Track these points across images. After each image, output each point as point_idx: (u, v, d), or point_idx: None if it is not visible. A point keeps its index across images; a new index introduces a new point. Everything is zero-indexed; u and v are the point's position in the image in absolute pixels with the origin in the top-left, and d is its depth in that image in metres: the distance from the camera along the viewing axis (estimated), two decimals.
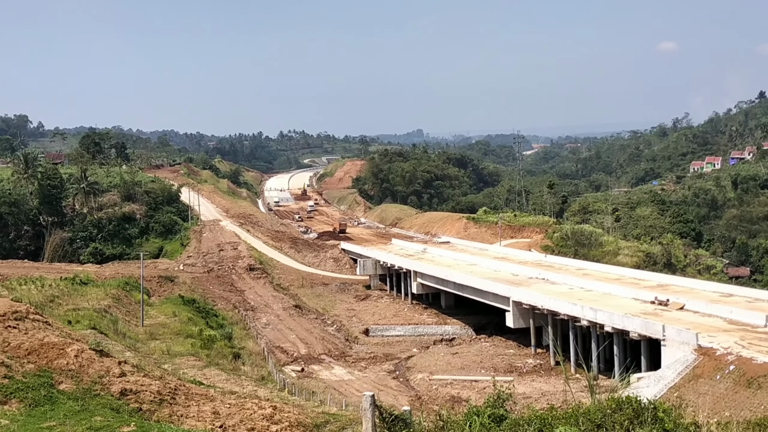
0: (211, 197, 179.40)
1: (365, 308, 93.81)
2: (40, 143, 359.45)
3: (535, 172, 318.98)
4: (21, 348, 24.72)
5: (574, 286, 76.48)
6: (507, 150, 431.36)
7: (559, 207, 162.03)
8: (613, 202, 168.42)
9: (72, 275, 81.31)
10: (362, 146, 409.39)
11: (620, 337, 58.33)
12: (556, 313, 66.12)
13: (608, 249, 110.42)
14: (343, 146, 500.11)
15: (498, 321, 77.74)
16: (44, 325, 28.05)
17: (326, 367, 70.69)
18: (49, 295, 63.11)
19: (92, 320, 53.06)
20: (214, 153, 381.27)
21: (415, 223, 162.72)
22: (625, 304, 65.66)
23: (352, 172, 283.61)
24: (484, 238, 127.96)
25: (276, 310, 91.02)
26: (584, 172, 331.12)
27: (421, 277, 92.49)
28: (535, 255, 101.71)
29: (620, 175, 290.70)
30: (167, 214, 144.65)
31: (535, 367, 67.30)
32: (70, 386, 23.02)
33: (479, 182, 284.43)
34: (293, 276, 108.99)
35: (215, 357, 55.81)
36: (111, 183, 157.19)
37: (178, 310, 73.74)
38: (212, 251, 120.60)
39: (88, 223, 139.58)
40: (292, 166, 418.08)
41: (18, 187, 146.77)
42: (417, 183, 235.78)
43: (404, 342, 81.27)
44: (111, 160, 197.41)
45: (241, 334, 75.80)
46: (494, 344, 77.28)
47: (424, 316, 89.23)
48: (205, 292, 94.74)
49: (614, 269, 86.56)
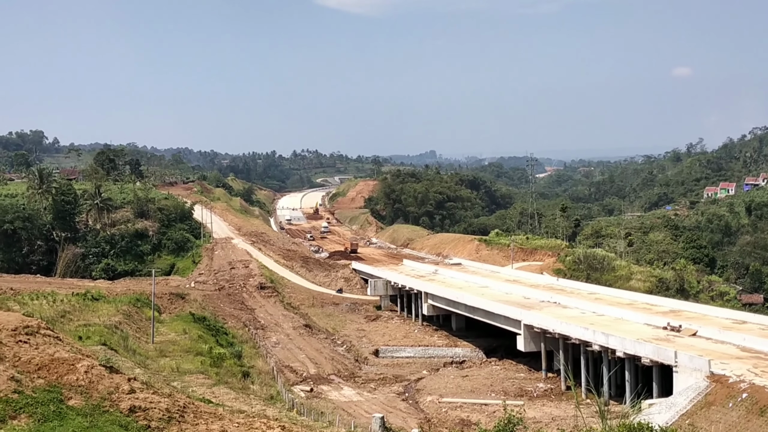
0: (224, 215, 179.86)
1: (375, 329, 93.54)
2: (55, 159, 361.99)
3: (548, 195, 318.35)
4: (31, 363, 24.76)
5: (586, 310, 76.05)
6: (520, 172, 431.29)
7: (572, 230, 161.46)
8: (626, 226, 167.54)
9: (84, 291, 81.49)
10: (375, 166, 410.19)
11: (632, 363, 57.91)
12: (568, 337, 65.75)
13: (621, 273, 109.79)
14: (356, 166, 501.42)
15: (509, 344, 77.31)
16: (55, 341, 28.10)
17: (335, 388, 70.40)
18: (61, 311, 63.26)
19: (103, 336, 53.13)
20: (227, 171, 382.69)
21: (427, 244, 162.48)
22: (637, 329, 65.23)
23: (365, 192, 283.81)
24: (495, 260, 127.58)
25: (286, 329, 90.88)
26: (597, 195, 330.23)
27: (432, 299, 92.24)
28: (547, 278, 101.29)
29: (633, 200, 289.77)
30: (180, 232, 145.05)
31: (546, 392, 66.82)
32: (79, 402, 23.01)
33: (492, 204, 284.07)
34: (304, 295, 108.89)
35: (224, 375, 55.73)
36: (124, 199, 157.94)
37: (188, 328, 73.74)
38: (224, 269, 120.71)
39: (101, 239, 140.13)
40: (304, 185, 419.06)
41: (32, 203, 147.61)
42: (429, 204, 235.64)
43: (414, 364, 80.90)
44: (125, 177, 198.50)
45: (251, 352, 75.68)
46: (505, 368, 76.82)
47: (435, 337, 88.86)
48: (215, 310, 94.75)
49: (627, 294, 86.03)
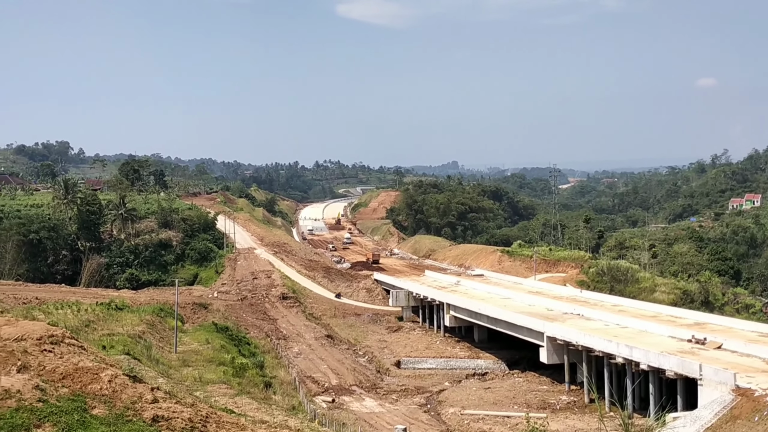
0: (247, 225, 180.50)
1: (397, 340, 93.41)
2: (81, 169, 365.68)
3: (571, 207, 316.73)
4: (56, 372, 24.97)
5: (610, 322, 75.50)
6: (543, 183, 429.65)
7: (595, 242, 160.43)
8: (650, 238, 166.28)
9: (108, 300, 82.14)
10: (397, 177, 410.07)
11: (656, 376, 57.39)
12: (591, 349, 65.31)
13: (644, 285, 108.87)
14: (378, 177, 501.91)
15: (532, 356, 76.91)
16: (79, 350, 28.33)
17: (357, 399, 70.35)
18: (85, 320, 63.78)
19: (126, 346, 53.49)
20: (250, 182, 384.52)
21: (449, 255, 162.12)
22: (661, 342, 64.66)
23: (387, 202, 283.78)
24: (518, 271, 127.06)
25: (308, 340, 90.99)
26: (621, 207, 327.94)
27: (454, 310, 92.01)
28: (570, 290, 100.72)
29: (657, 211, 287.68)
30: (203, 242, 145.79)
31: (569, 404, 66.39)
32: (102, 411, 23.17)
33: (514, 215, 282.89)
34: (326, 305, 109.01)
35: (247, 385, 55.90)
36: (148, 210, 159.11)
37: (211, 338, 74.07)
38: (246, 279, 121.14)
39: (125, 249, 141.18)
40: (326, 195, 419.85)
41: (57, 213, 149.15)
42: (451, 215, 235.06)
43: (436, 375, 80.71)
44: (149, 188, 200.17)
45: (273, 362, 75.86)
46: (527, 380, 76.44)
47: (457, 349, 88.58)
48: (238, 320, 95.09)
49: (651, 306, 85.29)
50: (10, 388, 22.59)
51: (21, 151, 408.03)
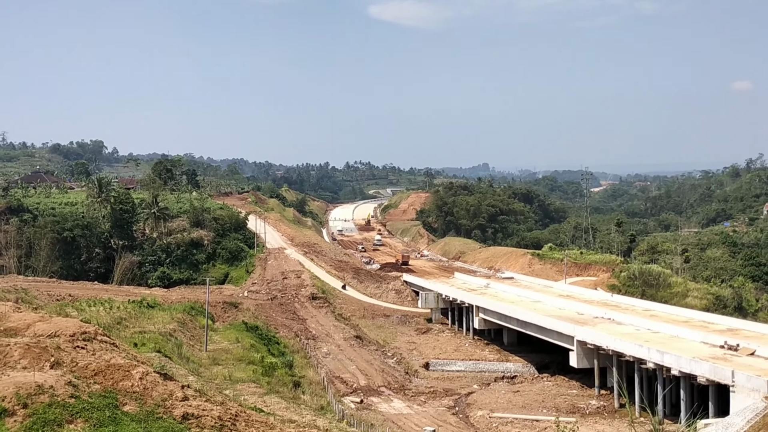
0: (277, 225, 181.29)
1: (426, 342, 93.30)
2: (114, 168, 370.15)
3: (602, 210, 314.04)
4: (88, 368, 25.27)
5: (641, 327, 74.75)
6: (574, 186, 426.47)
7: (627, 246, 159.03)
8: (683, 242, 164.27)
9: (139, 298, 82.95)
10: (427, 179, 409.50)
11: (687, 382, 56.79)
12: (622, 354, 64.77)
13: (677, 290, 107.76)
14: (408, 178, 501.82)
15: (561, 360, 76.46)
16: (111, 347, 28.65)
17: (385, 400, 70.36)
18: (117, 317, 64.49)
19: (157, 343, 54.00)
20: (281, 182, 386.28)
21: (479, 258, 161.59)
22: (693, 347, 63.91)
23: (417, 204, 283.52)
24: (548, 275, 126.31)
25: (337, 340, 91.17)
26: (653, 211, 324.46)
27: (483, 313, 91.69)
28: (601, 294, 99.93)
29: (690, 215, 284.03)
30: (234, 241, 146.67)
31: (599, 409, 65.89)
32: (133, 408, 23.40)
33: (545, 218, 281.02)
34: (355, 306, 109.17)
35: (276, 385, 56.16)
36: (181, 209, 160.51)
37: (241, 337, 74.50)
38: (276, 279, 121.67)
39: (157, 247, 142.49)
40: (357, 196, 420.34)
41: (91, 211, 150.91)
42: (481, 217, 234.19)
43: (465, 377, 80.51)
44: (182, 187, 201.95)
45: (302, 362, 76.11)
46: (557, 383, 75.98)
47: (486, 352, 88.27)
48: (267, 320, 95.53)
49: (683, 311, 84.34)
50: (43, 384, 22.90)
51: (56, 149, 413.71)
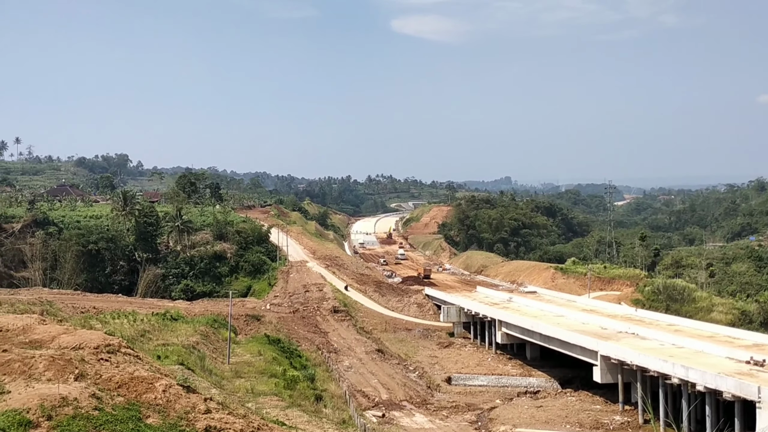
0: (299, 238, 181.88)
1: (448, 356, 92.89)
2: (139, 182, 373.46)
3: (626, 224, 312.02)
4: (112, 381, 25.40)
5: (665, 342, 74.00)
6: (597, 200, 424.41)
7: (651, 260, 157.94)
8: (708, 256, 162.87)
9: (163, 311, 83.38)
10: (449, 192, 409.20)
11: (713, 397, 56.08)
12: (646, 369, 64.12)
13: (701, 305, 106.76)
14: (430, 191, 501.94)
15: (585, 375, 75.81)
16: (135, 359, 28.79)
17: (407, 414, 70.05)
18: (141, 330, 64.84)
19: (180, 356, 54.19)
20: (303, 195, 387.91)
21: (501, 272, 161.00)
22: (718, 363, 63.14)
23: (438, 217, 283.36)
24: (572, 289, 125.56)
25: (358, 354, 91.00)
26: (677, 225, 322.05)
27: (506, 327, 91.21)
28: (624, 309, 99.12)
29: (715, 230, 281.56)
30: (256, 254, 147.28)
31: (623, 425, 65.20)
32: (157, 420, 23.47)
33: (568, 232, 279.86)
34: (376, 320, 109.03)
35: (298, 398, 56.10)
36: (204, 222, 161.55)
37: (263, 350, 74.57)
38: (298, 292, 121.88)
39: (181, 260, 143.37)
40: (378, 209, 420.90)
41: (116, 224, 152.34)
42: (504, 231, 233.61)
43: (487, 392, 79.98)
44: (205, 200, 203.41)
45: (324, 376, 76.00)
46: (580, 399, 75.30)
47: (509, 366, 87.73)
48: (289, 332, 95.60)
49: (707, 326, 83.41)
50: (67, 396, 23.03)
51: (81, 163, 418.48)
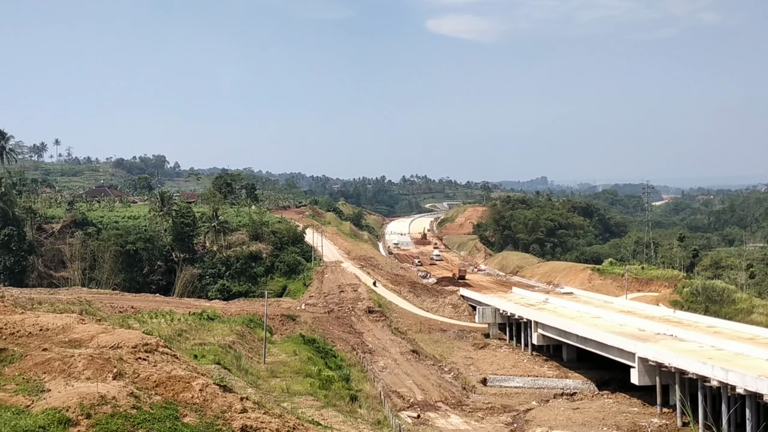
0: (334, 239, 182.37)
1: (483, 357, 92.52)
2: (176, 183, 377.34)
3: (664, 224, 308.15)
4: (149, 380, 25.62)
5: (704, 344, 72.97)
6: (635, 200, 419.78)
7: (690, 261, 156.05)
8: (748, 257, 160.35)
9: (200, 311, 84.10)
10: (484, 192, 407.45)
11: (753, 400, 55.18)
12: (685, 371, 63.27)
13: (741, 307, 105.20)
14: (465, 192, 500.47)
15: (622, 377, 75.03)
16: (172, 359, 29.01)
17: (442, 415, 69.88)
18: (178, 329, 65.46)
19: (217, 355, 54.60)
20: (338, 196, 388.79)
21: (537, 272, 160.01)
22: (758, 365, 62.06)
23: (473, 218, 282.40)
24: (609, 290, 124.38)
25: (393, 354, 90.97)
26: (717, 225, 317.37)
27: (542, 328, 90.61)
28: (663, 310, 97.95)
29: (756, 230, 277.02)
30: (292, 254, 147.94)
31: (661, 428, 64.43)
32: (193, 419, 23.62)
33: (605, 232, 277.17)
34: (411, 320, 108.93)
35: (333, 398, 56.21)
36: (240, 222, 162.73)
37: (298, 349, 74.88)
38: (333, 292, 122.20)
39: (217, 260, 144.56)
40: (413, 210, 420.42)
41: (153, 224, 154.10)
42: (540, 231, 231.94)
43: (523, 394, 79.48)
44: (241, 201, 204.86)
45: (359, 376, 76.08)
46: (617, 401, 74.54)
47: (545, 368, 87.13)
48: (324, 333, 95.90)
49: (747, 328, 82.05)
50: (106, 395, 23.27)
51: (119, 164, 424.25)
